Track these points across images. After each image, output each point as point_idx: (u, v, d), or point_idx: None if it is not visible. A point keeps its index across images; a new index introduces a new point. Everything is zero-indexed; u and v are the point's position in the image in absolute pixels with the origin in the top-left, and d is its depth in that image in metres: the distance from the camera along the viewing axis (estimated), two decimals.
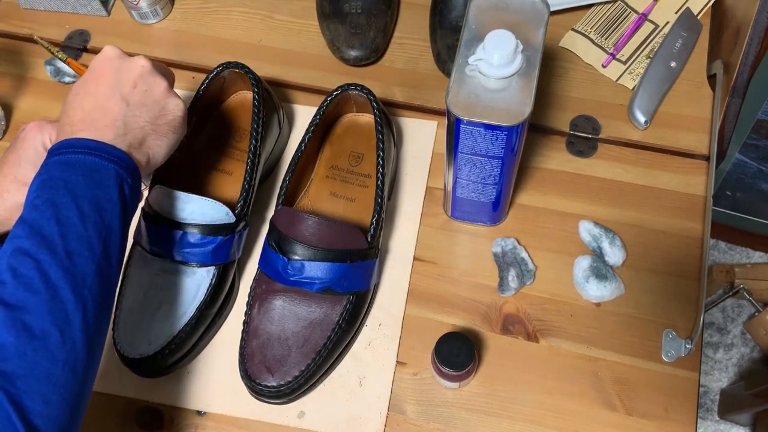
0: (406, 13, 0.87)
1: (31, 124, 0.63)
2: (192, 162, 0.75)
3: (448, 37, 0.80)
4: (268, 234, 0.68)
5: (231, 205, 0.68)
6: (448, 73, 0.81)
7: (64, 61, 0.72)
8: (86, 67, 0.63)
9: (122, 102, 0.58)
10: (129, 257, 0.69)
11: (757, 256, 1.49)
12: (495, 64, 0.56)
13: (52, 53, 0.72)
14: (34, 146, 0.62)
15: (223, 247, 0.67)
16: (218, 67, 0.74)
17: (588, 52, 0.83)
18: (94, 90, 0.58)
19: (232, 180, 0.74)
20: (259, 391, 0.64)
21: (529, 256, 0.72)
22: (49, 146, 0.63)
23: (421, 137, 0.79)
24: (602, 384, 0.67)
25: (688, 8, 0.83)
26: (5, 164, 0.62)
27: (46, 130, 0.63)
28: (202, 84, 0.74)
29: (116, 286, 0.54)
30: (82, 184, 0.52)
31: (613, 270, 0.71)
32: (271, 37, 0.87)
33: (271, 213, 0.76)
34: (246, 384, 0.65)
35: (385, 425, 0.66)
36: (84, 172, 0.53)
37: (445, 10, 0.81)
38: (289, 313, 0.66)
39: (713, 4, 0.83)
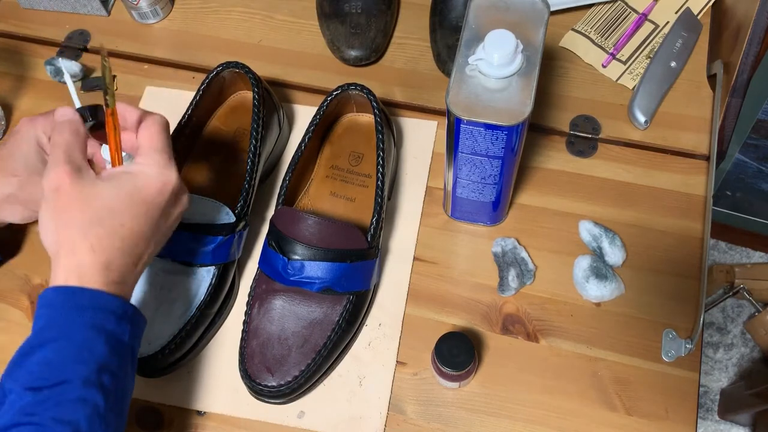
0: (406, 13, 0.87)
1: (23, 119, 0.63)
2: (192, 162, 0.75)
3: (448, 37, 0.80)
4: (268, 234, 0.68)
5: (231, 205, 0.68)
6: (448, 73, 0.81)
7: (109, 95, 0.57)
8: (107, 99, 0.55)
9: (153, 246, 0.55)
10: None
11: (757, 256, 1.49)
12: (495, 64, 0.56)
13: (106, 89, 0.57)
14: (27, 141, 0.62)
15: (223, 247, 0.67)
16: (218, 67, 0.74)
17: (588, 52, 0.83)
18: (137, 225, 0.53)
19: (232, 180, 0.74)
20: (259, 391, 0.64)
21: (529, 256, 0.72)
22: (43, 140, 0.62)
23: (421, 137, 0.79)
24: (602, 384, 0.67)
25: (688, 8, 0.83)
26: None
27: (39, 125, 0.63)
28: (202, 84, 0.74)
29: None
30: (107, 356, 0.50)
31: (613, 270, 0.71)
32: (271, 37, 0.87)
33: (271, 213, 0.76)
34: (246, 384, 0.65)
35: (385, 425, 0.66)
36: (109, 342, 0.50)
37: (445, 10, 0.81)
38: (289, 313, 0.66)
39: (713, 4, 0.83)
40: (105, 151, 0.61)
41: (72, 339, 0.49)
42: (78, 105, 0.60)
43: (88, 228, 0.51)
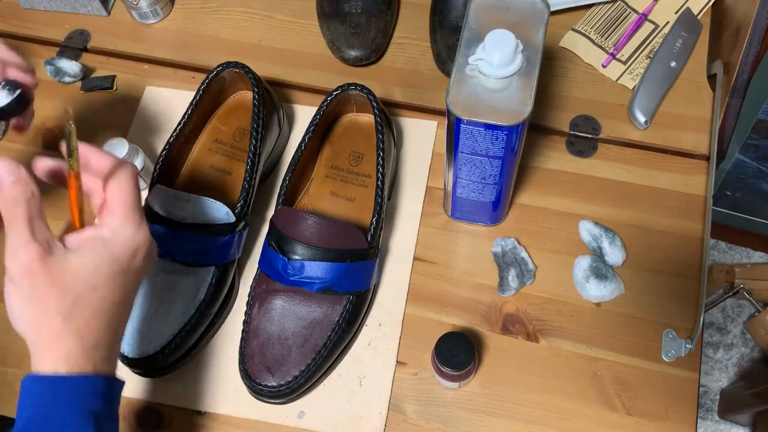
0: (406, 13, 0.87)
1: None
2: (192, 162, 0.75)
3: (448, 37, 0.80)
4: (268, 234, 0.68)
5: (231, 205, 0.68)
6: (448, 73, 0.81)
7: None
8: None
9: (131, 306, 0.52)
10: None
11: (757, 256, 1.49)
12: (495, 64, 0.56)
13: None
14: None
15: (223, 247, 0.67)
16: (218, 67, 0.74)
17: (588, 52, 0.83)
18: (118, 296, 0.50)
19: (232, 180, 0.74)
20: (259, 391, 0.64)
21: (529, 256, 0.72)
22: None
23: (421, 137, 0.79)
24: (602, 384, 0.67)
25: (688, 8, 0.83)
26: None
27: None
28: (202, 84, 0.74)
29: None
30: None
31: (613, 270, 0.71)
32: (271, 37, 0.87)
33: (271, 213, 0.76)
34: (246, 384, 0.65)
35: (385, 425, 0.66)
36: (97, 423, 0.48)
37: (445, 10, 0.81)
38: (289, 313, 0.66)
39: (713, 4, 0.83)
40: None
41: (61, 430, 0.46)
42: None
43: (72, 312, 0.47)
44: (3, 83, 0.56)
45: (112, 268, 0.49)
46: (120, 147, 0.72)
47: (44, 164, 0.52)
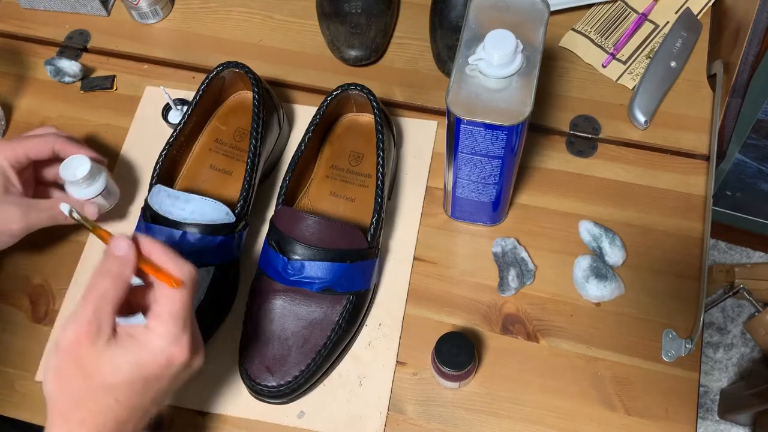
0: (406, 13, 0.87)
1: None
2: (192, 162, 0.75)
3: (448, 37, 0.80)
4: (268, 234, 0.68)
5: (231, 205, 0.68)
6: (448, 73, 0.81)
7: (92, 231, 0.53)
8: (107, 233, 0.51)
9: (152, 409, 0.52)
10: None
11: (757, 256, 1.49)
12: (495, 64, 0.56)
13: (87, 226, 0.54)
14: None
15: (223, 247, 0.67)
16: (218, 67, 0.74)
17: (588, 52, 0.83)
18: (132, 400, 0.50)
19: (232, 180, 0.74)
20: (259, 391, 0.64)
21: (529, 256, 0.72)
22: (5, 166, 0.62)
23: (421, 137, 0.79)
24: (602, 384, 0.67)
25: (688, 8, 0.83)
26: None
27: (1, 152, 0.62)
28: (202, 84, 0.74)
29: None
30: None
31: (613, 270, 0.71)
32: (271, 37, 0.87)
33: (271, 213, 0.76)
34: (246, 384, 0.65)
35: (385, 425, 0.66)
36: None
37: (445, 10, 0.81)
38: (289, 313, 0.66)
39: (713, 4, 0.83)
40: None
41: None
42: None
43: (83, 401, 0.49)
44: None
45: (133, 374, 0.49)
46: (81, 165, 0.68)
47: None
